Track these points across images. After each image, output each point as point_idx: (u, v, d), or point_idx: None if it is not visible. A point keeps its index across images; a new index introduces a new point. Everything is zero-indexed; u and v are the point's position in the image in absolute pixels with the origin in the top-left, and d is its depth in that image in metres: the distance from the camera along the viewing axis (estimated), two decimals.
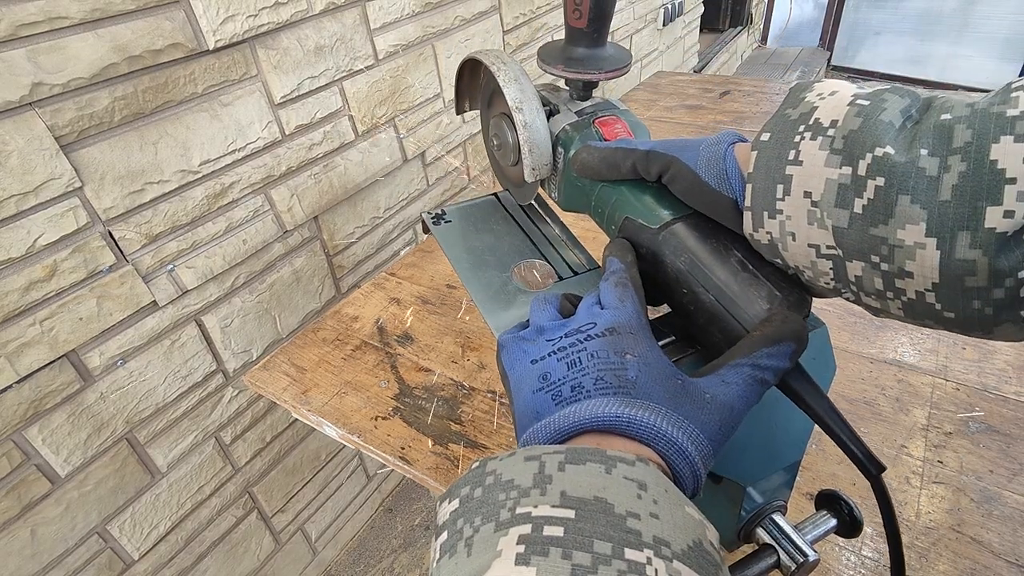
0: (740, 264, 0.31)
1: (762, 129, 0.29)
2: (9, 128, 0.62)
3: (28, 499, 0.73)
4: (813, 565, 0.31)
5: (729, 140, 0.33)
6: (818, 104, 0.27)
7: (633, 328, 0.28)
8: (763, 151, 0.28)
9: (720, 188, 0.32)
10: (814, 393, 0.29)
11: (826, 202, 0.26)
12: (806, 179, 0.26)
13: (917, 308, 0.25)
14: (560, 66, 0.44)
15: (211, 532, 1.01)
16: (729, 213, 0.32)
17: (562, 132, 0.44)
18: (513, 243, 0.51)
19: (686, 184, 0.33)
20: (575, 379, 0.27)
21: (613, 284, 0.31)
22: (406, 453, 0.57)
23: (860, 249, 0.25)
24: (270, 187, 0.92)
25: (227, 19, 0.78)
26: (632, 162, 0.36)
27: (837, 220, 0.25)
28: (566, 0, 0.43)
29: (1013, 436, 0.54)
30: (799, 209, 0.27)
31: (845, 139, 0.25)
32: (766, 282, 0.30)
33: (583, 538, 0.18)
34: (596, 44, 0.44)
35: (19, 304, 0.66)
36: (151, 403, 0.84)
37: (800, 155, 0.27)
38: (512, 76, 0.43)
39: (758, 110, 1.25)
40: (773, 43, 4.13)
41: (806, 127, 0.27)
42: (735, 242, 0.32)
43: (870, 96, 0.26)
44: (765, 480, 0.34)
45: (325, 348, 0.71)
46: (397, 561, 1.35)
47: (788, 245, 0.28)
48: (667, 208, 0.35)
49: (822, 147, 0.26)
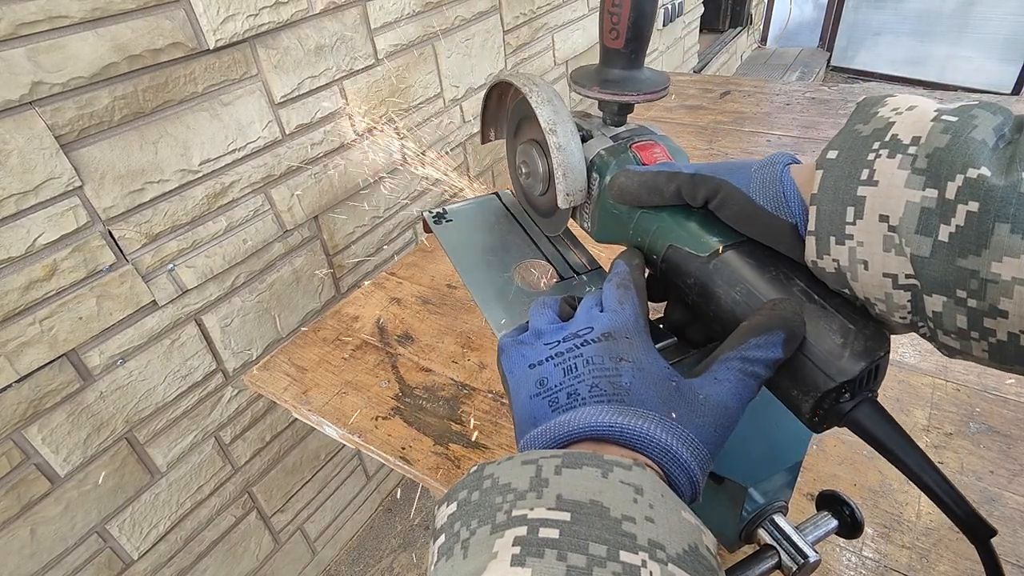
0: (804, 294, 0.28)
1: (828, 146, 0.26)
2: (9, 127, 0.62)
3: (28, 498, 0.73)
4: (814, 566, 0.31)
5: (784, 161, 0.31)
6: (895, 119, 0.25)
7: (629, 332, 0.28)
8: (830, 170, 0.26)
9: (777, 212, 0.29)
10: (898, 438, 0.26)
11: (905, 227, 0.23)
12: (883, 201, 0.24)
13: (1008, 352, 0.23)
14: (595, 88, 0.42)
15: (210, 532, 1.00)
16: (787, 239, 0.29)
17: (597, 157, 0.41)
18: (514, 243, 0.51)
19: (738, 208, 0.31)
20: (571, 386, 0.27)
21: (615, 285, 0.31)
22: (406, 453, 0.57)
23: (943, 282, 0.22)
24: (270, 187, 0.92)
25: (227, 18, 0.77)
26: (676, 186, 0.33)
27: (917, 248, 0.23)
28: (602, 20, 0.41)
29: (1013, 437, 0.54)
30: (873, 234, 0.24)
31: (930, 158, 0.22)
32: (836, 314, 0.27)
33: (578, 540, 0.18)
34: (633, 66, 0.42)
35: (19, 303, 0.66)
36: (151, 403, 0.84)
37: (875, 174, 0.24)
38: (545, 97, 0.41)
39: (758, 110, 1.25)
40: (773, 43, 4.13)
41: (882, 144, 0.24)
42: (795, 270, 0.29)
43: (957, 112, 0.23)
44: (766, 481, 0.34)
45: (325, 348, 0.71)
46: (397, 561, 1.35)
47: (859, 274, 0.25)
48: (716, 235, 0.32)
49: (902, 166, 0.23)
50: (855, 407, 0.26)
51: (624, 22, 0.40)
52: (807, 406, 0.27)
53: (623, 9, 0.39)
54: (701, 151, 1.10)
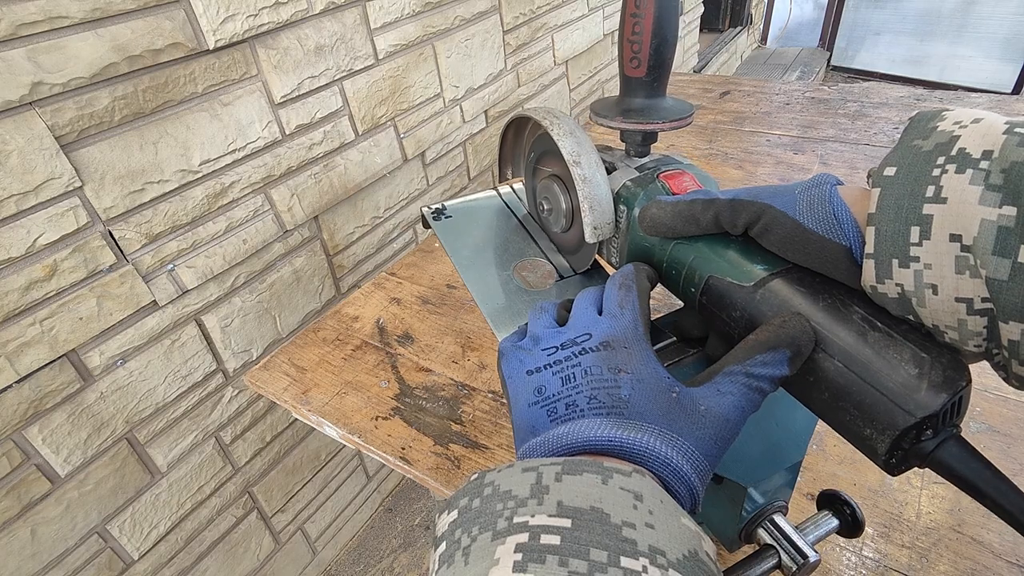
0: (866, 322, 0.26)
1: (883, 163, 0.25)
2: (9, 127, 0.62)
3: (28, 499, 0.73)
4: (814, 566, 0.31)
5: (831, 181, 0.29)
6: (960, 132, 0.23)
7: (628, 340, 0.28)
8: (890, 187, 0.24)
9: (828, 235, 0.27)
10: (989, 476, 0.24)
11: (981, 248, 0.21)
12: (953, 219, 0.22)
13: None
14: (618, 118, 0.41)
15: (211, 532, 1.00)
16: (841, 264, 0.27)
17: (623, 188, 0.40)
18: (514, 241, 0.51)
19: (784, 233, 0.29)
20: (569, 396, 0.27)
21: (617, 286, 0.31)
22: (406, 453, 0.57)
23: (1021, 309, 0.21)
24: (270, 187, 0.92)
25: (227, 19, 0.77)
26: (714, 213, 0.31)
27: (994, 271, 0.21)
28: (622, 50, 0.40)
29: (1013, 436, 0.54)
30: (944, 256, 0.22)
31: (1006, 173, 0.21)
32: (906, 342, 0.25)
33: (579, 546, 0.18)
34: (655, 94, 0.41)
35: (19, 304, 0.66)
36: (151, 403, 0.84)
37: (943, 191, 0.22)
38: (567, 129, 0.41)
39: (758, 110, 1.25)
40: (773, 43, 4.13)
41: (947, 159, 0.23)
42: (851, 297, 0.27)
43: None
44: (766, 480, 0.34)
45: (325, 348, 0.71)
46: (397, 561, 1.35)
47: (927, 299, 0.24)
48: (760, 263, 0.30)
49: (974, 181, 0.22)
50: (939, 446, 0.24)
51: (645, 51, 0.39)
52: (883, 447, 0.25)
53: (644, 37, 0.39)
54: (701, 151, 1.10)
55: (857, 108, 1.21)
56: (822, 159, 1.03)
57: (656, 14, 0.38)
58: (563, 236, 0.47)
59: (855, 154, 1.03)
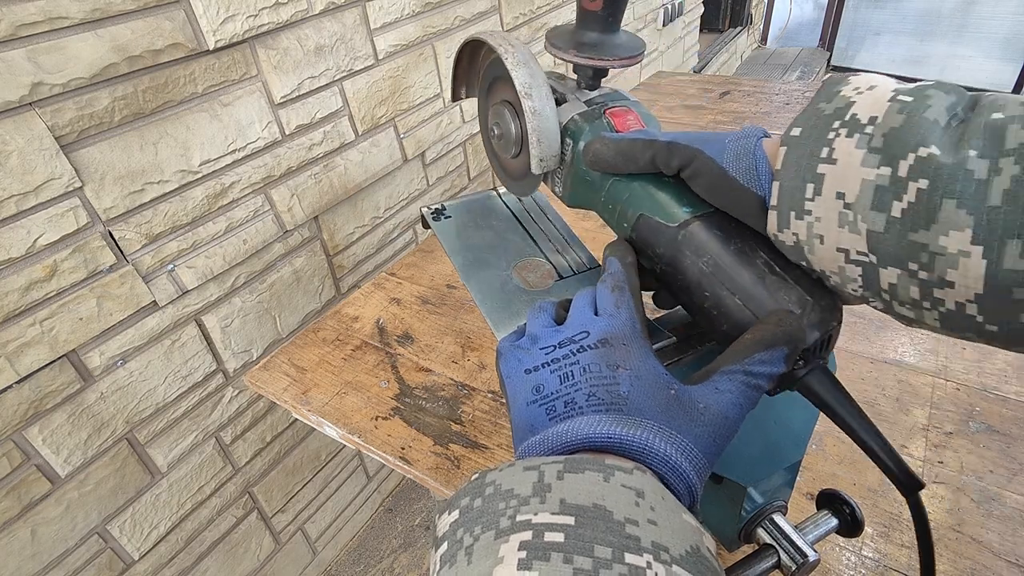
0: (767, 266, 0.29)
1: (792, 124, 0.27)
2: (9, 128, 0.62)
3: (28, 499, 0.73)
4: (813, 565, 0.31)
5: (758, 134, 0.31)
6: (855, 99, 0.25)
7: (626, 338, 0.28)
8: (793, 147, 0.27)
9: (748, 184, 0.30)
10: (846, 403, 0.28)
11: (861, 204, 0.24)
12: (840, 179, 0.25)
13: (956, 320, 0.24)
14: (572, 51, 0.42)
15: (211, 532, 1.01)
16: (755, 211, 0.30)
17: (571, 122, 0.41)
18: (513, 240, 0.51)
19: (711, 179, 0.31)
20: (568, 394, 0.27)
21: (610, 288, 0.31)
22: (406, 453, 0.57)
23: (897, 256, 0.24)
24: (270, 187, 0.92)
25: (227, 19, 0.78)
26: (651, 154, 0.34)
27: (873, 224, 0.24)
28: None
29: (1013, 436, 0.54)
30: (830, 211, 0.25)
31: (885, 137, 0.23)
32: (796, 286, 0.28)
33: (584, 543, 0.19)
34: (610, 30, 0.42)
35: (19, 304, 0.66)
36: (151, 403, 0.84)
37: (834, 153, 0.25)
38: (522, 59, 0.41)
39: (758, 110, 1.25)
40: (773, 43, 4.13)
41: (842, 123, 0.25)
42: (760, 243, 0.30)
43: (913, 92, 0.24)
44: (766, 480, 0.34)
45: (325, 348, 0.71)
46: (397, 561, 1.35)
47: (815, 248, 0.27)
48: (686, 205, 0.33)
49: (859, 145, 0.24)
50: (808, 373, 0.28)
51: None
52: None
53: None
54: None
55: None
56: None
57: None
58: (511, 161, 0.47)
59: None
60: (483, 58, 0.49)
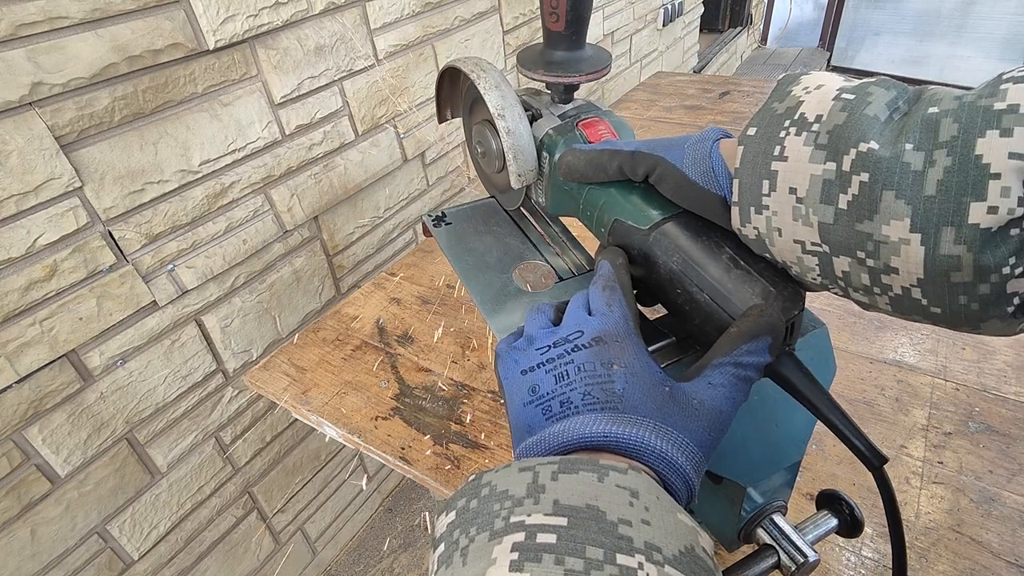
0: (732, 261, 0.31)
1: (748, 123, 0.29)
2: (9, 128, 0.62)
3: (28, 499, 0.73)
4: (813, 566, 0.31)
5: (714, 137, 0.33)
6: (804, 98, 0.27)
7: (620, 336, 0.28)
8: (749, 146, 0.28)
9: (707, 185, 0.32)
10: (811, 385, 0.29)
11: (811, 198, 0.25)
12: (791, 175, 0.26)
13: (904, 304, 0.25)
14: (540, 70, 0.44)
15: (211, 532, 1.00)
16: (718, 210, 0.32)
17: (546, 136, 0.44)
18: (513, 244, 0.51)
19: (673, 183, 0.33)
20: (563, 393, 0.27)
21: (601, 288, 0.31)
22: (406, 453, 0.57)
23: (846, 245, 0.25)
24: (270, 187, 0.92)
25: (227, 19, 0.77)
26: (618, 163, 0.36)
27: (823, 216, 0.25)
28: (542, 3, 0.43)
29: (1012, 436, 0.54)
30: (784, 205, 0.27)
31: (830, 134, 0.25)
32: (760, 278, 0.30)
33: (575, 544, 0.19)
34: (575, 47, 0.44)
35: (19, 304, 0.66)
36: (151, 403, 0.84)
37: (785, 150, 0.26)
38: (493, 83, 0.43)
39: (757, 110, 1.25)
40: (773, 43, 4.13)
41: (791, 122, 0.26)
42: (726, 239, 0.32)
43: (855, 89, 0.26)
44: (765, 480, 0.34)
45: (325, 348, 0.71)
46: (397, 561, 1.35)
47: (775, 241, 0.28)
48: (656, 208, 0.35)
49: (807, 143, 0.25)
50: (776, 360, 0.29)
51: (563, 5, 0.41)
52: None
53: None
54: None
55: None
56: None
57: None
58: (497, 176, 0.49)
59: None
60: (463, 80, 0.51)
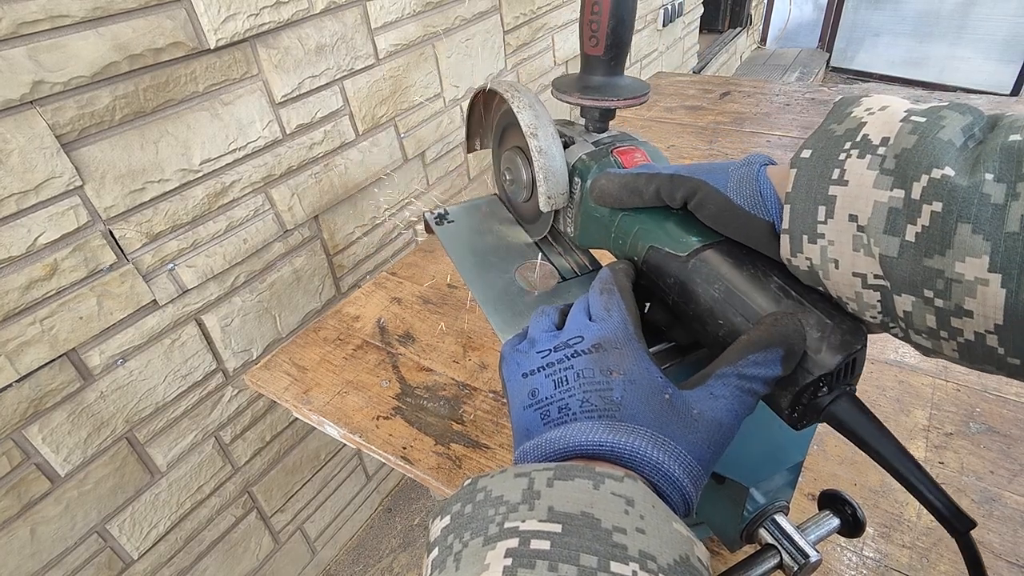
0: (781, 290, 0.28)
1: (802, 145, 0.27)
2: (10, 126, 0.62)
3: (28, 498, 0.73)
4: (815, 566, 0.31)
5: (760, 161, 0.31)
6: (867, 119, 0.25)
7: (619, 341, 0.28)
8: (803, 169, 0.26)
9: (754, 211, 0.30)
10: (876, 433, 0.26)
11: (874, 227, 0.23)
12: (852, 200, 0.24)
13: (976, 351, 0.23)
14: (576, 94, 0.43)
15: (210, 532, 1.00)
16: (765, 238, 0.29)
17: (579, 161, 0.42)
18: (516, 243, 0.51)
19: (716, 208, 0.31)
20: (562, 399, 0.27)
21: (599, 291, 0.31)
22: (408, 453, 0.57)
23: (911, 282, 0.22)
24: (270, 186, 0.92)
25: (228, 18, 0.77)
26: (656, 187, 0.34)
27: (885, 248, 0.23)
28: (582, 28, 0.42)
29: (1013, 437, 0.54)
30: (843, 234, 0.24)
31: (897, 158, 0.23)
32: (814, 309, 0.27)
33: (569, 551, 0.19)
34: (613, 72, 0.43)
35: (19, 303, 0.66)
36: (151, 402, 0.84)
37: (846, 174, 0.24)
38: (527, 103, 0.42)
39: (758, 111, 1.25)
40: (772, 44, 4.13)
41: (853, 144, 0.24)
42: (772, 268, 0.30)
43: (926, 112, 0.23)
44: (768, 481, 0.34)
45: (326, 347, 0.71)
46: (396, 561, 1.35)
47: (830, 273, 0.26)
48: (695, 235, 0.33)
49: (871, 166, 0.23)
50: (833, 401, 0.27)
51: (603, 29, 0.40)
52: (786, 401, 0.27)
53: (602, 17, 0.40)
54: (701, 151, 1.10)
55: None
56: None
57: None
58: (524, 206, 0.49)
59: None
60: (495, 110, 0.50)
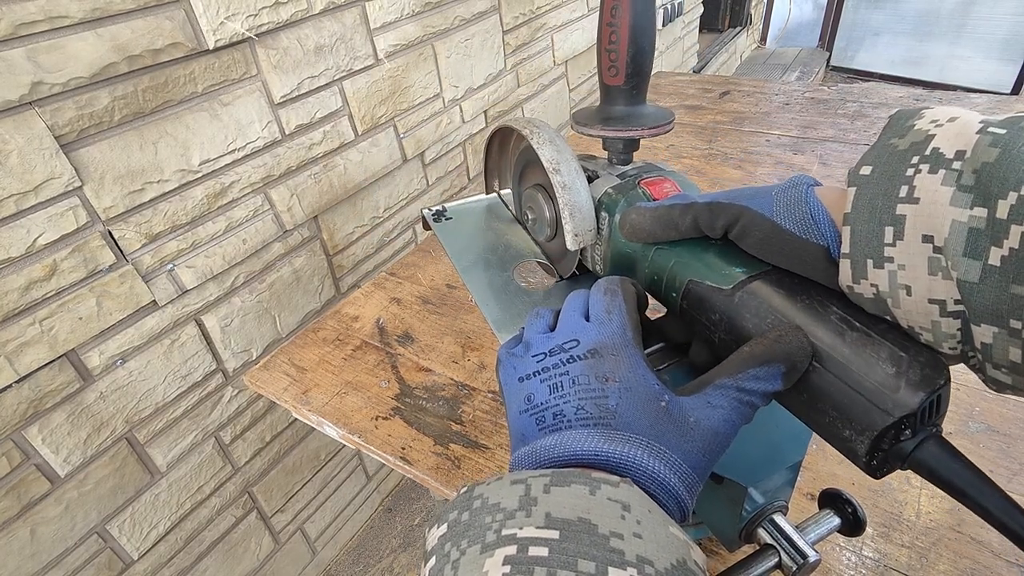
0: (844, 322, 0.25)
1: (860, 162, 0.24)
2: (9, 127, 0.62)
3: (28, 499, 0.73)
4: (814, 566, 0.31)
5: (808, 182, 0.29)
6: (935, 131, 0.23)
7: (617, 347, 0.27)
8: (864, 187, 0.24)
9: (805, 235, 0.27)
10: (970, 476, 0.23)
11: (951, 249, 0.21)
12: (926, 220, 0.21)
13: None
14: (598, 126, 0.41)
15: (210, 532, 1.00)
16: (819, 264, 0.27)
17: (604, 196, 0.40)
18: (514, 242, 0.51)
19: (762, 235, 0.28)
20: (557, 406, 0.26)
21: (603, 291, 0.31)
22: (407, 453, 0.57)
23: (995, 311, 0.20)
24: (270, 187, 0.92)
25: (227, 18, 0.77)
26: (692, 217, 0.31)
27: (964, 273, 0.21)
28: (600, 58, 0.40)
29: (1013, 436, 0.54)
30: (916, 257, 0.22)
31: (977, 173, 0.20)
32: (884, 341, 0.24)
33: (567, 557, 0.19)
34: (635, 101, 0.41)
35: (19, 303, 0.66)
36: (151, 403, 0.84)
37: (916, 191, 0.22)
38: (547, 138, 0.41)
39: (757, 110, 1.25)
40: (772, 43, 4.13)
41: (921, 158, 0.22)
42: (829, 297, 0.27)
43: (1005, 123, 0.21)
44: (766, 480, 0.34)
45: (325, 348, 0.71)
46: (397, 561, 1.35)
47: (900, 300, 0.23)
48: (739, 265, 0.30)
49: (946, 182, 0.21)
50: (919, 446, 0.24)
51: (623, 59, 0.39)
52: (863, 448, 0.24)
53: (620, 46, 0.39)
54: (701, 151, 1.10)
55: (856, 108, 1.21)
56: (821, 159, 1.03)
57: (632, 23, 0.38)
58: (549, 245, 0.47)
59: (854, 154, 1.03)
60: (512, 148, 0.49)
